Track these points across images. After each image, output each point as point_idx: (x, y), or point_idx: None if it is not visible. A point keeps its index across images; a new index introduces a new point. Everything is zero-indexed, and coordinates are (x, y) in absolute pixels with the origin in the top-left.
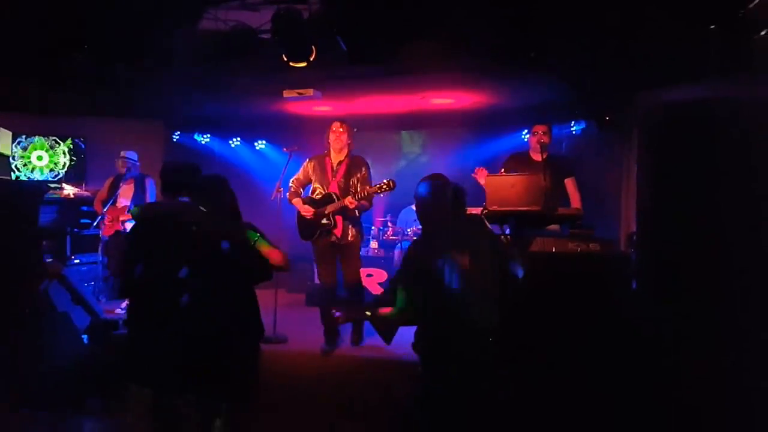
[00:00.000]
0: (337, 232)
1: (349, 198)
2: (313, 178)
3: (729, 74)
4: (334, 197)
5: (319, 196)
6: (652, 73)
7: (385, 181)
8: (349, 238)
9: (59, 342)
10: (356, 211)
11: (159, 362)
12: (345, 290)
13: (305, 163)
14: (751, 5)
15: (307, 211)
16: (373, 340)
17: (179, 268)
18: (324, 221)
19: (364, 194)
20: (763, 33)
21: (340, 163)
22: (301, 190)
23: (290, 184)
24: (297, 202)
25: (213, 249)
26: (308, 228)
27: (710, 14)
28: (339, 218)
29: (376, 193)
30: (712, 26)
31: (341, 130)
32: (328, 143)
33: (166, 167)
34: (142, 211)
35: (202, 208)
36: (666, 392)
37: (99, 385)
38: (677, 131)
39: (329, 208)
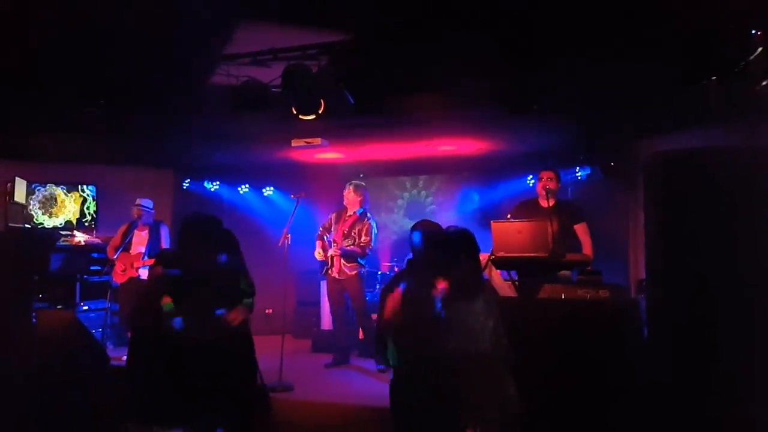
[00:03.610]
0: (335, 268)
1: (335, 247)
2: (332, 224)
3: (730, 123)
4: (333, 243)
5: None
6: (654, 120)
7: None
8: (348, 273)
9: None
10: (353, 255)
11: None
12: (356, 318)
13: (331, 214)
14: (751, 57)
15: (318, 253)
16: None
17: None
18: (328, 261)
19: (354, 243)
20: (764, 84)
21: (350, 216)
22: (326, 234)
23: (319, 228)
24: (318, 244)
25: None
26: (321, 266)
27: (711, 65)
28: (336, 258)
29: (353, 249)
30: (713, 77)
31: (352, 191)
32: (345, 200)
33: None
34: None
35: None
36: None
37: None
38: (679, 178)
39: (330, 252)
